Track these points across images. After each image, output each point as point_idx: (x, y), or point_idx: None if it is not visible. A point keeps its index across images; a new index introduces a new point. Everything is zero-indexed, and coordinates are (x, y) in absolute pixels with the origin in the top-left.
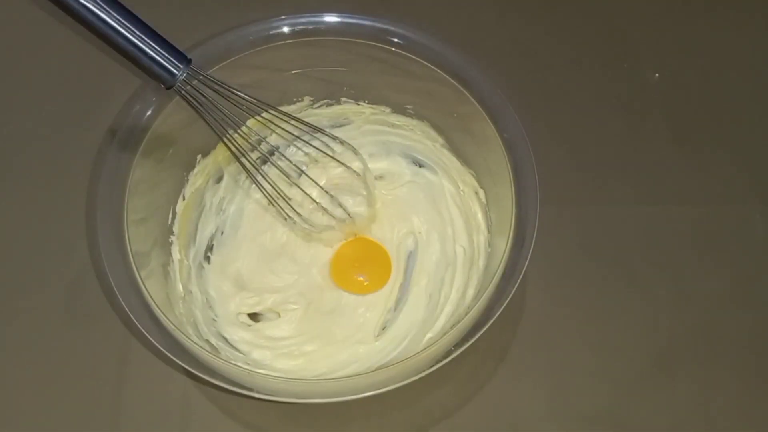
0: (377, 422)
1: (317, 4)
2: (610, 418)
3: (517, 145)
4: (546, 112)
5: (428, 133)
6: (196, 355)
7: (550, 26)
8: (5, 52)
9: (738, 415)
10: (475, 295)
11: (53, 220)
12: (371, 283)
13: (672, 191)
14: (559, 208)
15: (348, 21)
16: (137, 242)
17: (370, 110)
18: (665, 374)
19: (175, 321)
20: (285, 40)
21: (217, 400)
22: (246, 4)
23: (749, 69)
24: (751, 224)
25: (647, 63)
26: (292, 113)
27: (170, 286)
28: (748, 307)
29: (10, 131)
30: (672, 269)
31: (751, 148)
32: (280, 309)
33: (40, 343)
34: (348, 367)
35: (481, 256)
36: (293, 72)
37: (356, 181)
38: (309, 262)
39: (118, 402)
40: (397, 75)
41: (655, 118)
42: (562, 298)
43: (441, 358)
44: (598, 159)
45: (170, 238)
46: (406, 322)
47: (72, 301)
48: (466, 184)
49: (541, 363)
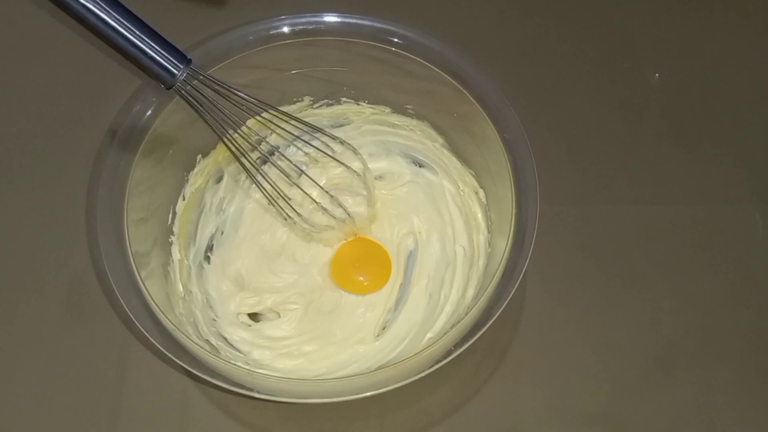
0: (377, 422)
1: (317, 4)
2: (609, 418)
3: (517, 145)
4: (546, 112)
5: (428, 133)
6: (196, 354)
7: (550, 26)
8: (5, 51)
9: (738, 415)
10: (475, 295)
11: (53, 220)
12: (371, 283)
13: (672, 191)
14: (559, 208)
15: (348, 21)
16: (137, 242)
17: (370, 110)
18: (665, 374)
19: (175, 321)
20: (285, 40)
21: (217, 400)
22: (246, 4)
23: (749, 69)
24: (751, 224)
25: (647, 63)
26: (292, 113)
27: (170, 286)
28: (748, 307)
29: (10, 131)
30: (672, 269)
31: (751, 148)
32: (280, 309)
33: (39, 343)
34: (348, 367)
35: (481, 256)
36: (293, 72)
37: (356, 180)
38: (309, 262)
39: (118, 402)
40: (397, 75)
41: (655, 118)
42: (562, 298)
43: (441, 358)
44: (598, 159)
45: (170, 238)
46: (406, 322)
47: (72, 301)
48: (466, 184)
49: (541, 363)
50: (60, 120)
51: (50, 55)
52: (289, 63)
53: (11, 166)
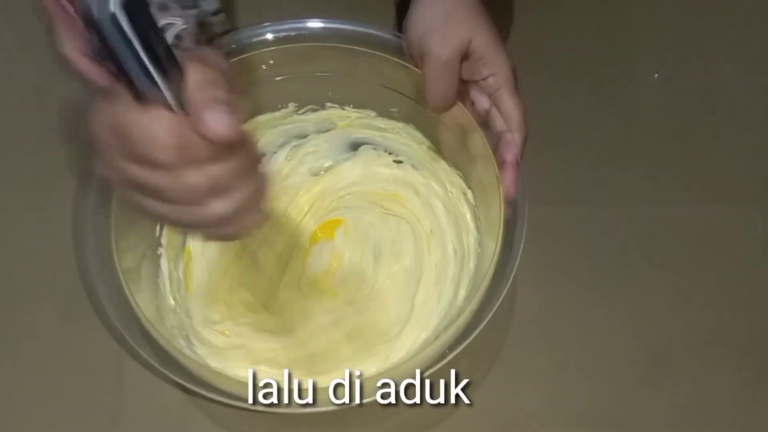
0: (375, 428)
1: (300, 10)
2: (605, 419)
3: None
4: (544, 112)
5: (414, 135)
6: (187, 367)
7: (548, 25)
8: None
9: (738, 415)
10: (467, 297)
11: (41, 228)
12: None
13: (672, 191)
14: (557, 208)
15: (330, 27)
16: (126, 256)
17: (355, 114)
18: (664, 375)
19: (167, 334)
20: (268, 47)
21: (212, 413)
22: (228, 12)
23: (749, 69)
24: (751, 224)
25: (647, 63)
26: (277, 120)
27: (160, 299)
28: (747, 308)
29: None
30: (671, 269)
31: (751, 148)
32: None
33: (32, 358)
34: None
35: (472, 257)
36: (277, 79)
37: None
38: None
39: (117, 414)
40: (382, 78)
41: (655, 118)
42: (560, 298)
43: (434, 362)
44: (597, 159)
45: (159, 250)
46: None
47: (63, 314)
48: (454, 186)
49: (540, 363)
50: (46, 127)
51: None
52: (273, 70)
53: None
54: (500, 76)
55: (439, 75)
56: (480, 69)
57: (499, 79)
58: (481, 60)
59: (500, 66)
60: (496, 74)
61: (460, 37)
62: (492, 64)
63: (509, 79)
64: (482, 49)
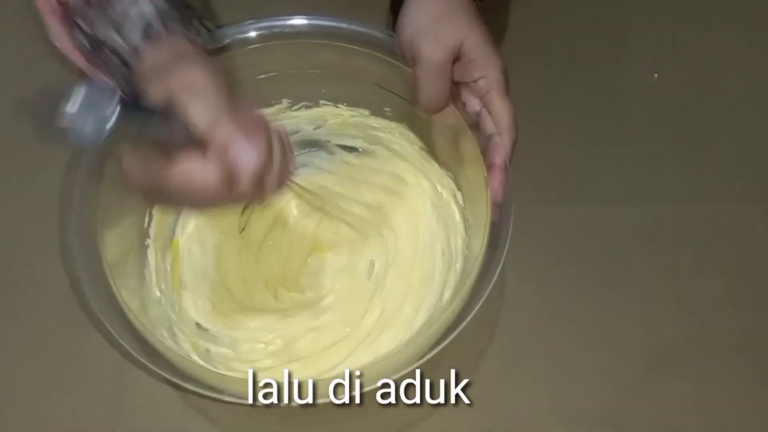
0: (376, 427)
1: (292, 7)
2: (609, 418)
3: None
4: (543, 112)
5: (407, 135)
6: (170, 359)
7: (547, 24)
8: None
9: (738, 415)
10: (451, 298)
11: (24, 221)
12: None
13: (671, 191)
14: (555, 208)
15: (323, 23)
16: (112, 246)
17: (348, 113)
18: (663, 375)
19: (149, 325)
20: (258, 43)
21: (210, 408)
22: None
23: (749, 69)
24: (750, 224)
25: (647, 63)
26: (271, 116)
27: (145, 290)
28: (747, 307)
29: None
30: (670, 269)
31: (750, 148)
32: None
33: (24, 358)
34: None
35: (459, 258)
36: (270, 74)
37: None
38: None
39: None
40: (375, 77)
41: (654, 117)
42: (560, 298)
43: (413, 360)
44: (595, 157)
45: (146, 241)
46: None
47: (50, 308)
48: (444, 187)
49: (540, 363)
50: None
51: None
52: (265, 66)
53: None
54: (491, 79)
55: (430, 77)
56: (471, 71)
57: (490, 81)
58: (472, 62)
59: (492, 68)
60: (487, 76)
61: (452, 39)
62: (483, 66)
63: (500, 81)
64: (474, 51)
